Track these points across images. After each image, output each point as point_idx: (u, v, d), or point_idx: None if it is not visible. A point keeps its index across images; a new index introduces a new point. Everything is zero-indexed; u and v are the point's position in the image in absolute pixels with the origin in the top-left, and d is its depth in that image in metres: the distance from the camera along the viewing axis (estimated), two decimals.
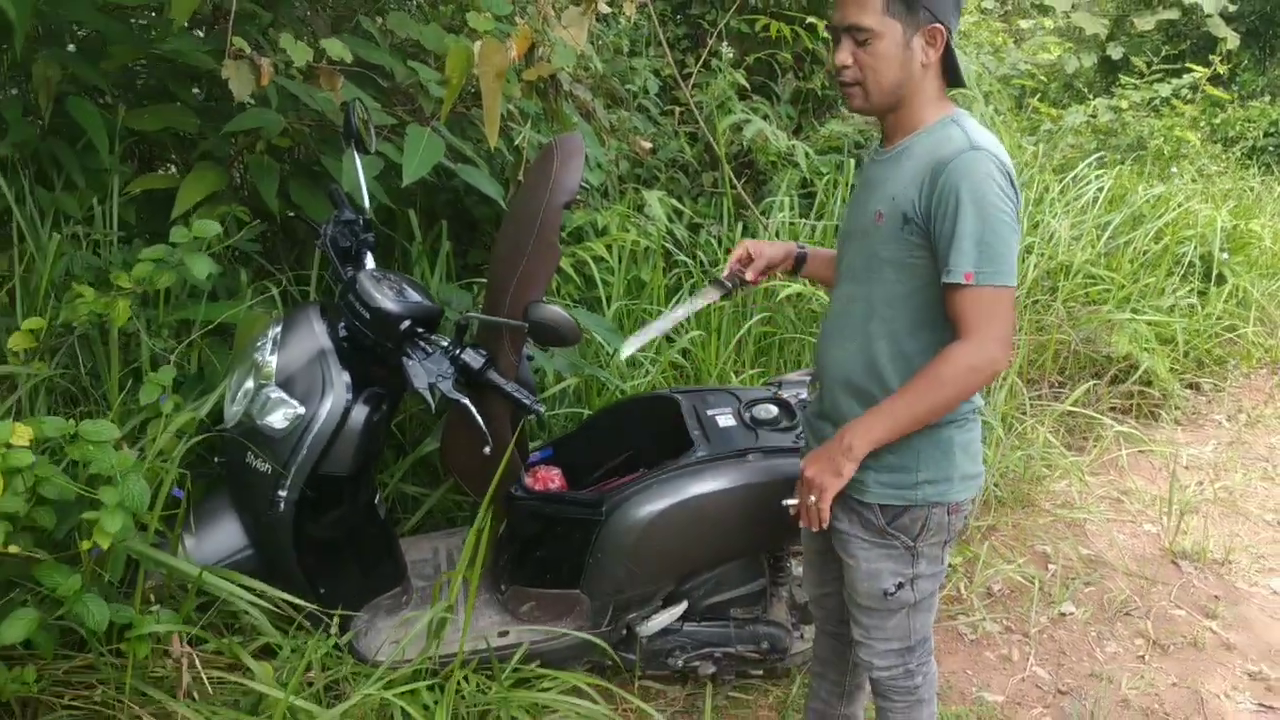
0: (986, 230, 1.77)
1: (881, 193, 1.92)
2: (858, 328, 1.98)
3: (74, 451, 1.84)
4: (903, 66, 1.86)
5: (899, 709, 2.20)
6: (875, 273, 1.93)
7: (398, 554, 2.62)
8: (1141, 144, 7.78)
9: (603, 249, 3.66)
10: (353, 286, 2.26)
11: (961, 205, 1.77)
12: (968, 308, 1.80)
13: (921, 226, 1.84)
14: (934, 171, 1.82)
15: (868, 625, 2.14)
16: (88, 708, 2.17)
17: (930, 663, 2.21)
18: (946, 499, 1.98)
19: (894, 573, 2.03)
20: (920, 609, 2.11)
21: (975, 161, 1.79)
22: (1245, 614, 3.45)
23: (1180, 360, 5.09)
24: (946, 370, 1.80)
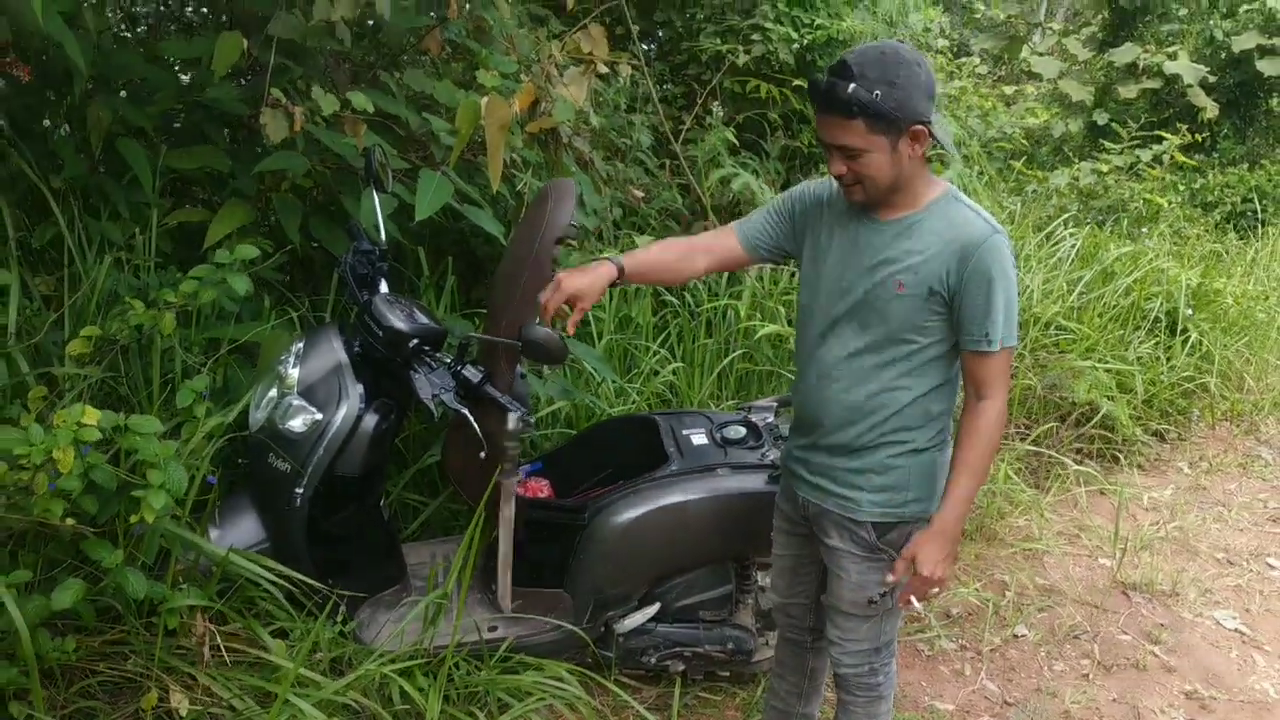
0: (1012, 305, 2.07)
1: (895, 263, 2.10)
2: (868, 375, 2.17)
3: (124, 441, 2.12)
4: (894, 167, 2.04)
5: (860, 704, 2.45)
6: (892, 333, 2.14)
7: (399, 554, 2.89)
8: (1122, 206, 8.11)
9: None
10: (368, 308, 2.55)
11: (994, 284, 2.03)
12: (994, 370, 2.08)
13: (946, 300, 2.08)
14: (963, 253, 2.04)
15: (845, 629, 2.38)
16: (120, 676, 2.43)
17: (892, 664, 2.46)
18: (929, 514, 2.22)
19: (879, 584, 2.27)
20: (892, 614, 2.37)
21: (1000, 245, 2.05)
22: (1188, 641, 3.70)
23: (1143, 409, 5.36)
24: (990, 434, 2.10)
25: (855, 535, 2.26)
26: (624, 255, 2.40)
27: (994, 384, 2.09)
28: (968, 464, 2.10)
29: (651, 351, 4.02)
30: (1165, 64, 10.35)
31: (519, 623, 2.78)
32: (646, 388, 3.89)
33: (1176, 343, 5.74)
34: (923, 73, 2.00)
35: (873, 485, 2.22)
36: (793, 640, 2.64)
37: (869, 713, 2.47)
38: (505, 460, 2.53)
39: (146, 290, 2.86)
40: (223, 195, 3.38)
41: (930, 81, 2.02)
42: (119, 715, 2.40)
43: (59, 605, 2.13)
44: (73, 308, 2.79)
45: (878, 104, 1.95)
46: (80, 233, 2.97)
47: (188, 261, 3.00)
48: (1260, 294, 6.92)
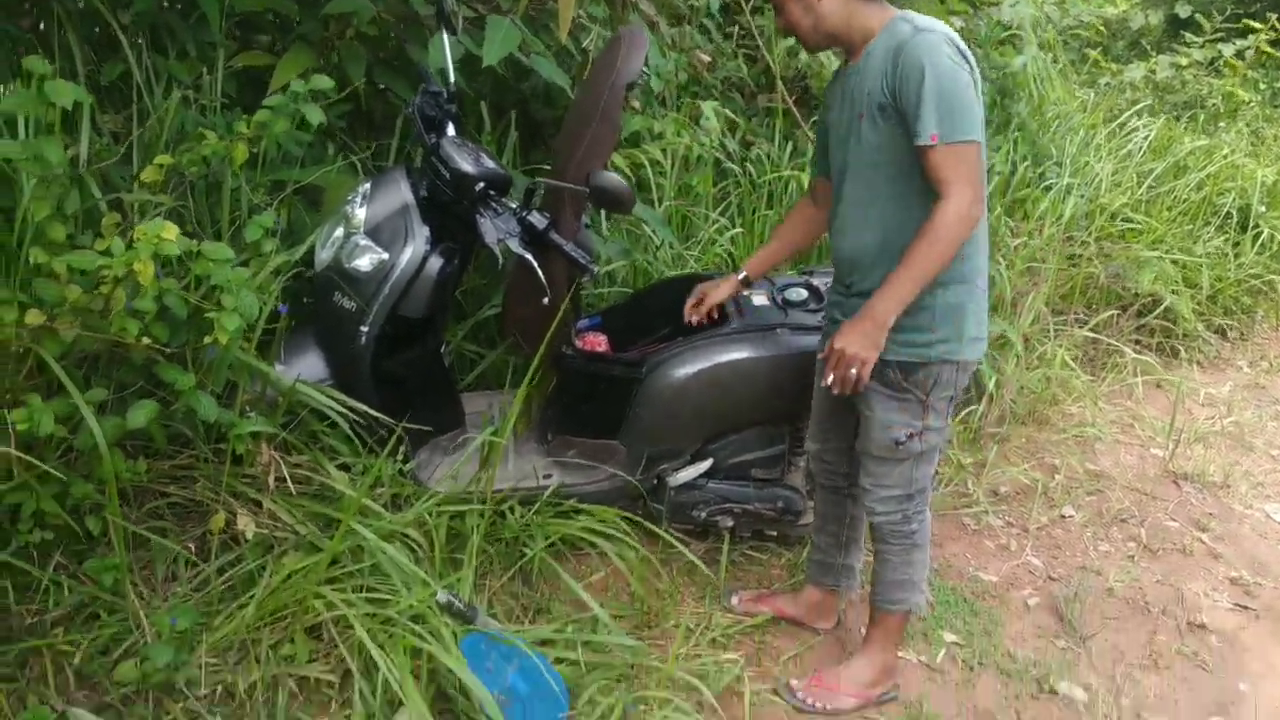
0: (944, 94, 2.04)
1: (858, 98, 2.20)
2: (869, 216, 2.25)
3: (197, 267, 2.15)
4: (809, 14, 2.22)
5: (896, 551, 2.49)
6: (868, 164, 2.21)
7: (458, 400, 2.94)
8: (1199, 102, 7.84)
9: (658, 153, 3.92)
10: (436, 150, 2.54)
11: (923, 77, 2.03)
12: (939, 165, 2.07)
13: (894, 109, 2.12)
14: (893, 57, 2.09)
15: (876, 474, 2.42)
16: (188, 500, 2.52)
17: (925, 513, 2.50)
18: (956, 358, 2.26)
19: (906, 424, 2.31)
20: (923, 460, 2.39)
21: (925, 39, 2.06)
22: (1236, 531, 3.69)
23: (1207, 305, 5.26)
24: (938, 229, 2.07)
25: (882, 375, 2.28)
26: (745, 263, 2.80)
27: (948, 181, 2.06)
28: (909, 255, 2.10)
29: (711, 220, 3.98)
30: None
31: (573, 470, 2.83)
32: (705, 254, 3.87)
33: (1246, 239, 5.60)
34: None
35: (901, 324, 2.22)
36: (830, 488, 2.69)
37: (904, 560, 2.51)
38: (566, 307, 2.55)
39: (214, 129, 2.87)
40: (287, 40, 3.35)
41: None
42: (187, 536, 2.50)
43: (133, 424, 2.19)
44: (141, 142, 2.80)
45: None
46: (148, 70, 2.97)
47: (252, 106, 3.00)
48: None
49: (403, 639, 2.19)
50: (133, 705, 2.21)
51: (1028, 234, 4.69)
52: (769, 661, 2.74)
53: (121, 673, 2.20)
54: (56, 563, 2.34)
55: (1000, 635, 2.95)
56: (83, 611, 2.32)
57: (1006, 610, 3.09)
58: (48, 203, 2.18)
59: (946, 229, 2.07)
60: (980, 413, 3.92)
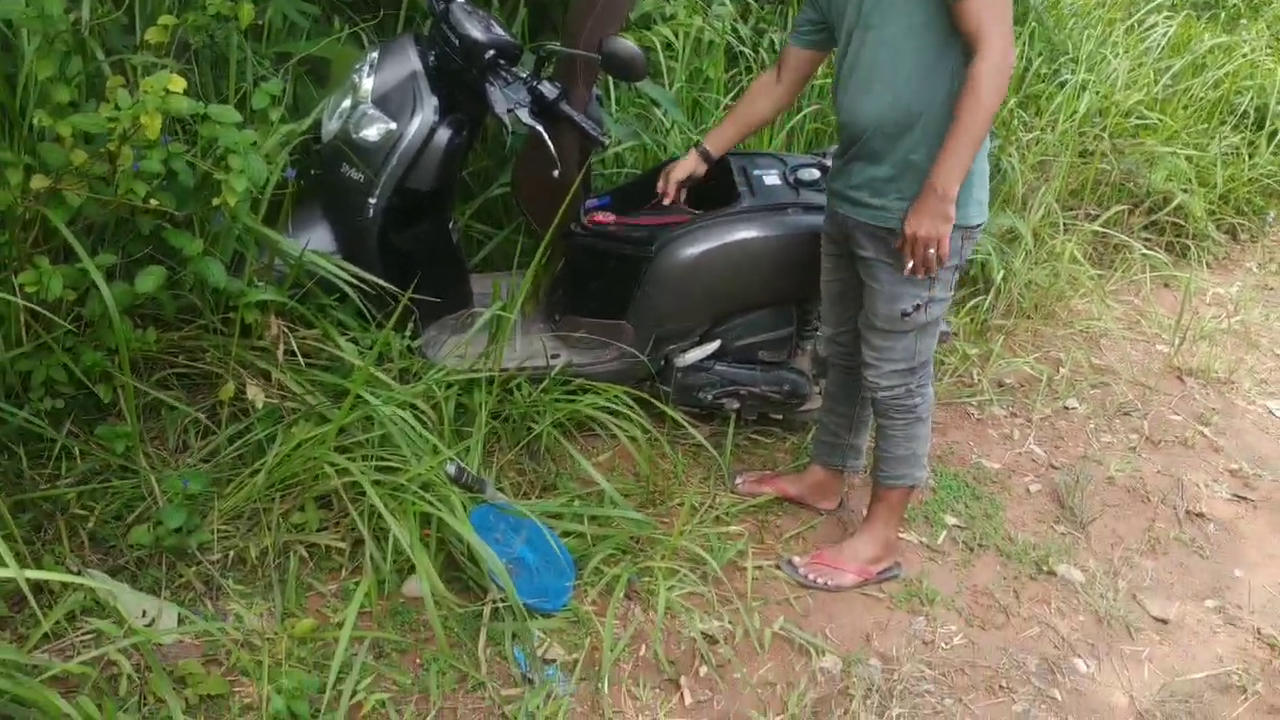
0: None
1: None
2: (890, 72, 2.18)
3: (204, 129, 2.12)
4: None
5: (899, 425, 2.51)
6: (889, 13, 2.13)
7: (466, 279, 2.93)
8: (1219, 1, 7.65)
9: (670, 34, 3.83)
10: (445, 16, 2.49)
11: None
12: (974, 13, 2.01)
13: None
14: None
15: (879, 347, 2.42)
16: (197, 370, 2.52)
17: (928, 386, 2.50)
18: (964, 222, 2.23)
19: (912, 295, 2.31)
20: (926, 333, 2.40)
21: None
22: (1238, 425, 3.71)
23: (1219, 205, 5.20)
24: (982, 87, 2.03)
25: (888, 244, 2.28)
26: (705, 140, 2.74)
27: (983, 31, 2.02)
28: (958, 120, 2.07)
29: (722, 105, 3.92)
30: None
31: (581, 350, 2.83)
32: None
33: (1262, 139, 5.51)
34: None
35: (904, 193, 2.22)
36: (843, 368, 2.69)
37: (908, 435, 2.52)
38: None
39: None
40: None
41: None
42: (197, 407, 2.51)
43: (142, 289, 2.18)
44: (143, 6, 2.73)
45: None
46: None
47: None
48: None
49: (412, 505, 2.21)
50: (146, 568, 2.25)
51: (1040, 129, 4.61)
52: (771, 539, 2.78)
53: (135, 536, 2.24)
54: (68, 430, 2.35)
55: (1001, 519, 2.99)
56: (95, 478, 2.34)
57: (1008, 496, 3.12)
58: (50, 63, 2.14)
59: (990, 86, 2.03)
60: (987, 305, 3.91)
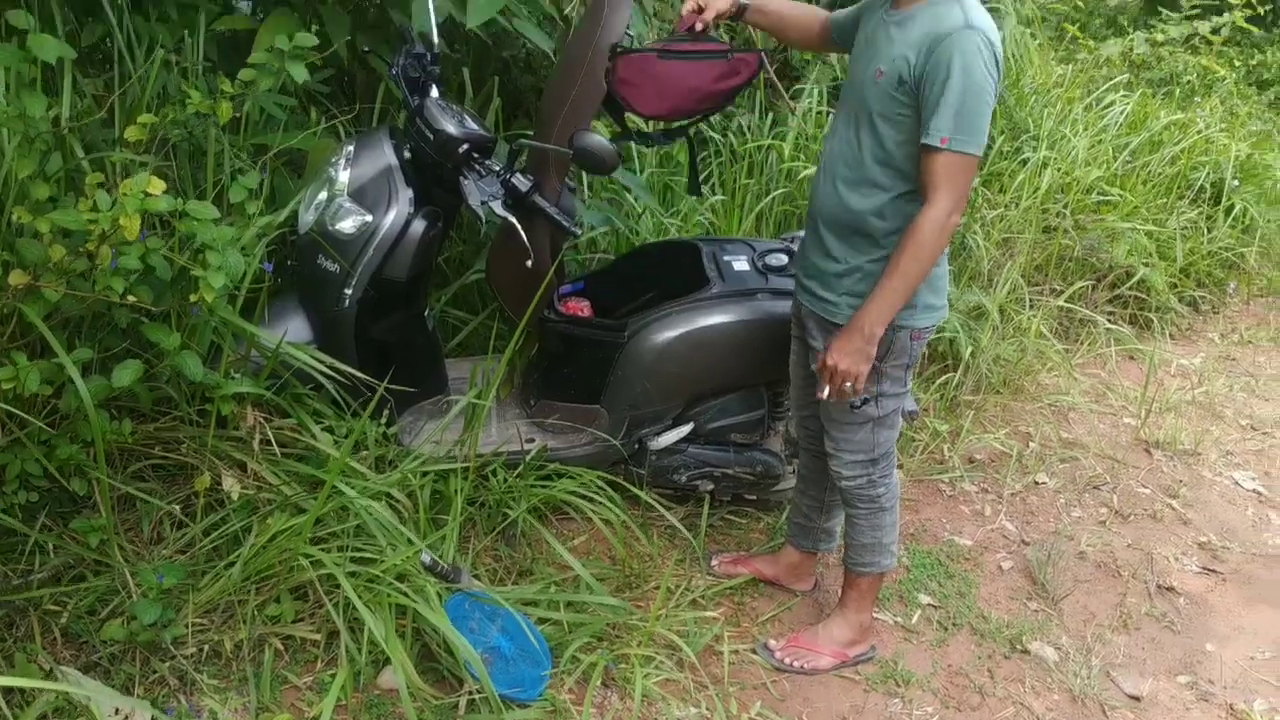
0: (967, 103, 2.02)
1: (886, 52, 2.15)
2: (854, 170, 2.24)
3: (182, 225, 2.15)
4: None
5: (863, 515, 2.54)
6: (866, 123, 2.19)
7: (442, 365, 2.96)
8: (1175, 78, 7.89)
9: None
10: (420, 112, 2.55)
11: (951, 77, 2.02)
12: (938, 169, 2.06)
13: (913, 90, 2.09)
14: (931, 42, 2.04)
15: (838, 438, 2.46)
16: (173, 461, 2.52)
17: (892, 477, 2.54)
18: (911, 324, 2.28)
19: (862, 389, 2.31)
20: (883, 425, 2.43)
21: (969, 39, 2.01)
22: (1205, 497, 3.76)
23: (1180, 277, 5.32)
24: (922, 239, 2.08)
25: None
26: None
27: (939, 187, 2.07)
28: (892, 265, 2.13)
29: None
30: None
31: (556, 434, 2.86)
32: (686, 223, 3.89)
33: (1219, 213, 5.66)
34: None
35: (852, 291, 2.27)
36: (814, 452, 2.72)
37: (872, 524, 2.56)
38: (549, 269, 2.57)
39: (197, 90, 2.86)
40: (269, 4, 3.34)
41: None
42: (172, 498, 2.51)
43: (119, 384, 2.19)
44: (123, 104, 2.78)
45: None
46: (129, 33, 2.95)
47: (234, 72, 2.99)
48: None
49: (388, 597, 2.21)
50: (119, 664, 2.23)
51: (1004, 206, 4.73)
52: (748, 622, 2.79)
53: (109, 631, 2.22)
54: (42, 524, 2.35)
55: (974, 597, 3.01)
56: (69, 572, 2.33)
57: (981, 573, 3.15)
58: (30, 161, 2.18)
59: (931, 239, 2.08)
60: (956, 381, 3.97)
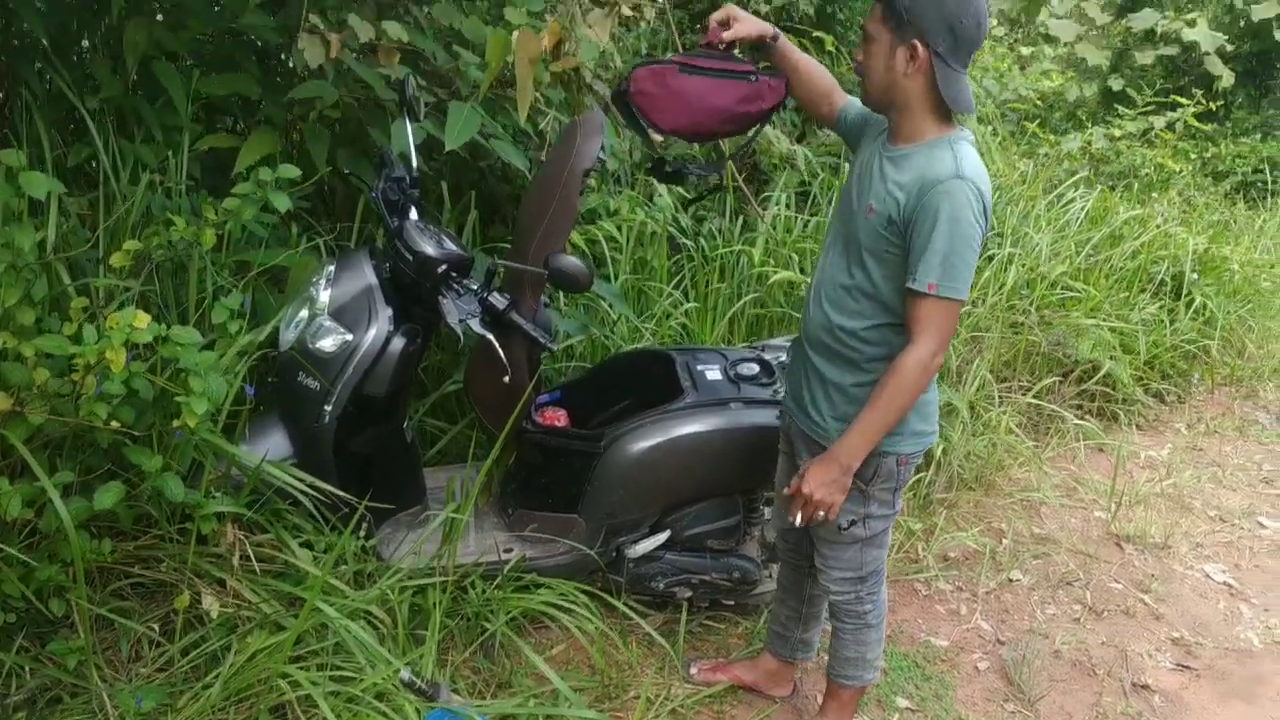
0: (954, 251, 2.05)
1: (878, 189, 2.17)
2: (843, 296, 2.27)
3: (165, 350, 2.20)
4: (886, 73, 2.12)
5: (849, 630, 2.57)
6: (855, 254, 2.23)
7: (421, 477, 2.99)
8: (1133, 172, 8.14)
9: (614, 229, 4.03)
10: (399, 233, 2.63)
11: (938, 225, 2.04)
12: (924, 314, 2.10)
13: (901, 231, 2.12)
14: (922, 187, 2.07)
15: (826, 555, 2.49)
16: (153, 580, 2.54)
17: (880, 594, 2.56)
18: (896, 450, 2.30)
19: (848, 511, 2.35)
20: (871, 544, 2.45)
21: (959, 189, 2.04)
22: (1177, 591, 3.81)
23: (1145, 370, 5.44)
24: (904, 378, 2.12)
25: None
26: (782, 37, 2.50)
27: (924, 330, 2.09)
28: (874, 400, 2.15)
29: (665, 294, 4.09)
30: (1183, 31, 10.32)
31: (534, 544, 2.89)
32: (661, 328, 3.97)
33: (1180, 306, 5.81)
34: (951, 2, 2.04)
35: (839, 413, 2.29)
36: (792, 565, 2.75)
37: (858, 639, 2.58)
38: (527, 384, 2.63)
39: (180, 212, 2.94)
40: (250, 123, 3.44)
41: (956, 16, 2.03)
42: (151, 616, 2.52)
43: (100, 505, 2.22)
44: (108, 227, 2.86)
45: (898, 5, 2.05)
46: (114, 154, 3.04)
47: (217, 188, 3.07)
48: (1266, 262, 6.96)
49: (367, 717, 2.22)
50: None
51: (971, 303, 4.84)
52: None
53: None
54: (19, 645, 2.34)
55: (951, 700, 3.03)
56: (45, 695, 2.32)
57: (957, 674, 3.16)
58: (16, 289, 2.23)
59: (912, 379, 2.12)
60: (929, 479, 4.03)
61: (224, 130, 3.60)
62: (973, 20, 2.06)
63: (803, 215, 4.72)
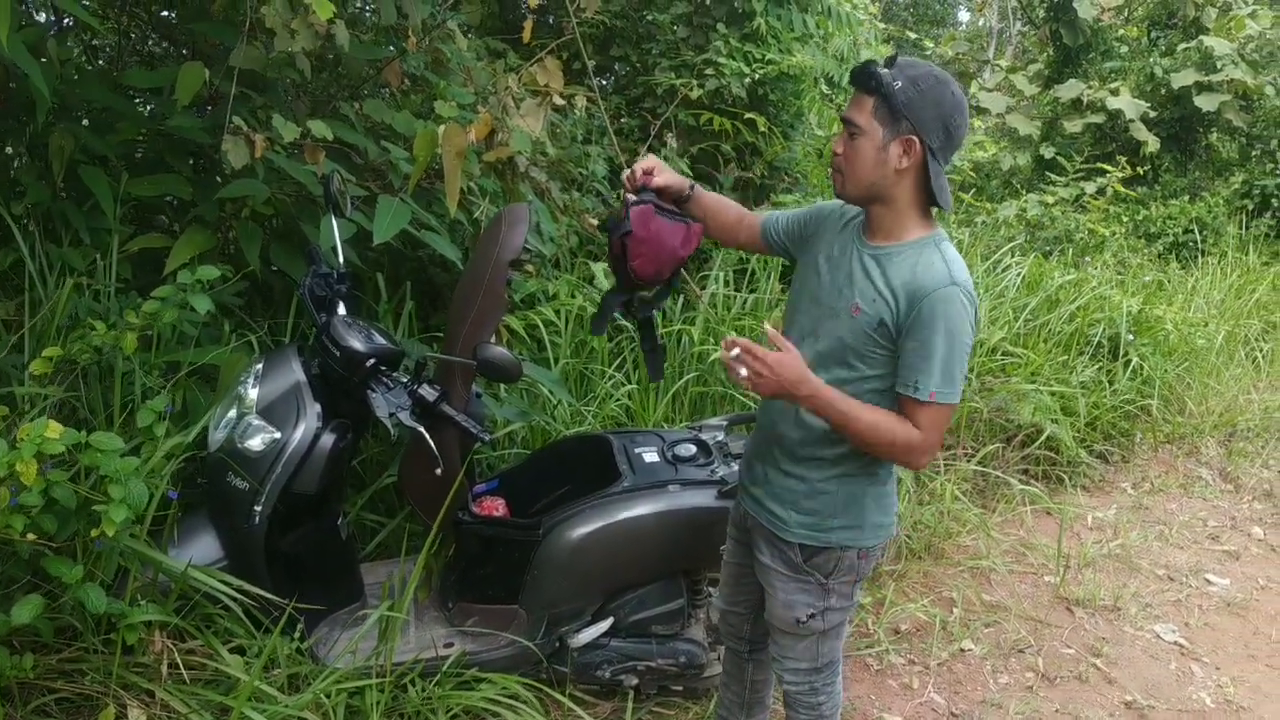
0: (953, 359, 2.02)
1: (864, 289, 2.12)
2: None
3: (85, 458, 2.17)
4: (876, 166, 2.05)
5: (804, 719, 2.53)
6: (841, 354, 2.16)
7: (357, 573, 2.94)
8: (1067, 237, 8.35)
9: (552, 314, 4.05)
10: (327, 329, 2.62)
11: (936, 334, 2.01)
12: (924, 419, 2.07)
13: (892, 335, 2.08)
14: (916, 295, 2.03)
15: (782, 645, 2.46)
16: (78, 693, 2.45)
17: (835, 684, 2.52)
18: (857, 544, 2.27)
19: (807, 604, 2.33)
20: (829, 636, 2.42)
21: (954, 297, 2.01)
22: (1129, 654, 3.81)
23: (1087, 431, 5.51)
24: (898, 437, 2.06)
25: (784, 554, 2.30)
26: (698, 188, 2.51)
27: (925, 430, 2.07)
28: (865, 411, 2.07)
29: (607, 375, 4.10)
30: (1108, 99, 10.69)
31: (474, 638, 2.84)
32: (602, 410, 3.97)
33: (1119, 367, 5.92)
34: (949, 100, 2.03)
35: (802, 507, 2.26)
36: (733, 650, 2.72)
37: None
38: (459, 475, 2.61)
39: (107, 314, 2.91)
40: (184, 222, 3.44)
41: (951, 114, 2.03)
42: None
43: (18, 620, 2.16)
44: (33, 331, 2.83)
45: (893, 90, 2.00)
46: (41, 259, 3.02)
47: (149, 288, 3.04)
48: (1200, 320, 7.13)
49: None
50: None
51: None
52: None
53: None
54: None
55: None
56: None
57: None
58: None
59: (898, 445, 2.07)
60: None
61: (158, 230, 3.59)
62: (964, 120, 2.07)
63: (740, 293, 4.77)
